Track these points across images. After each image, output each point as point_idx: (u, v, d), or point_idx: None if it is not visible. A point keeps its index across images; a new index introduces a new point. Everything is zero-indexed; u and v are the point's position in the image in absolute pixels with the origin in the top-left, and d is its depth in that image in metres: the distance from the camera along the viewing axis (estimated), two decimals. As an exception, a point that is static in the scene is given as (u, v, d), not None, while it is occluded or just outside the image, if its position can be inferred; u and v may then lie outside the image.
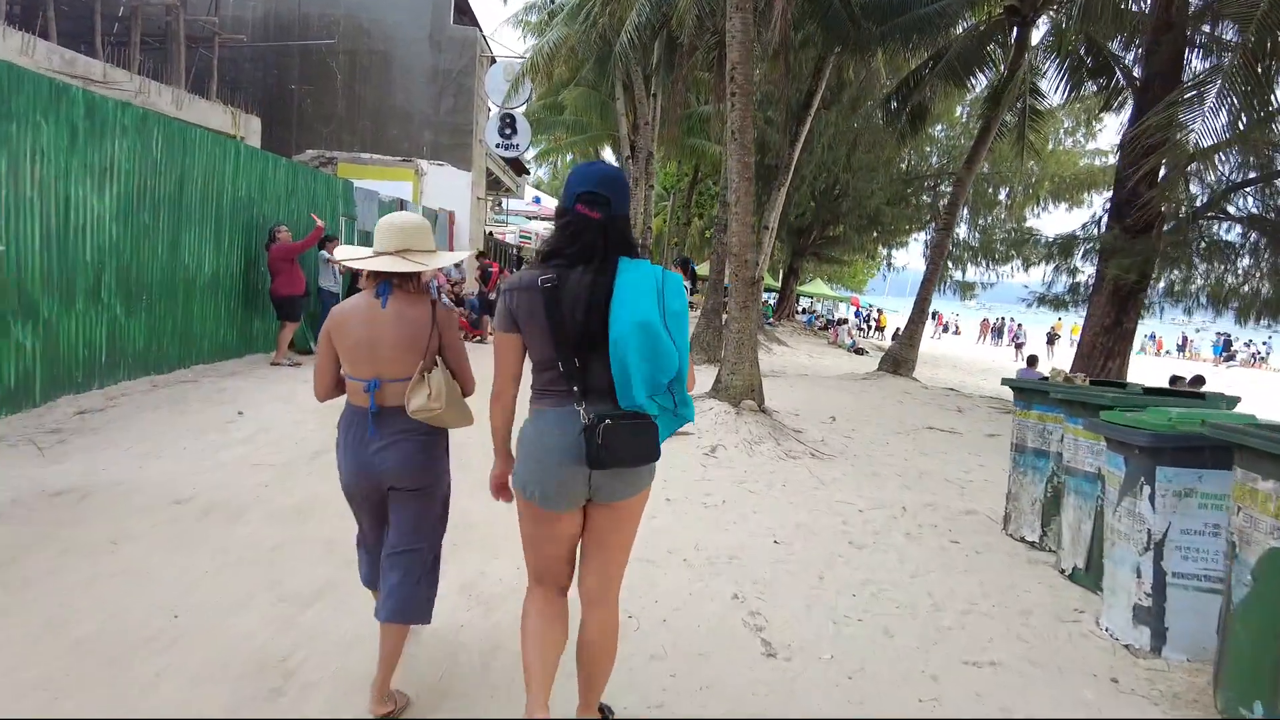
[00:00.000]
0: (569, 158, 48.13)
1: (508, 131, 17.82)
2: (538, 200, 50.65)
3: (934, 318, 49.95)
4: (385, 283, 2.51)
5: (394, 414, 2.49)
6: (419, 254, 2.52)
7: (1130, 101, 12.11)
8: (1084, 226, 11.95)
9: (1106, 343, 10.60)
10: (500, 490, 2.37)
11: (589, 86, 24.02)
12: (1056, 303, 12.93)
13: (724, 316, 13.44)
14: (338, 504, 3.20)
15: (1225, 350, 42.63)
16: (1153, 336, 46.26)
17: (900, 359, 14.31)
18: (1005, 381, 5.34)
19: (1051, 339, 35.27)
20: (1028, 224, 24.82)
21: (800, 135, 20.22)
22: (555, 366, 2.11)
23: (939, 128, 26.44)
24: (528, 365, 2.24)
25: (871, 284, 55.17)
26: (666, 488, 5.51)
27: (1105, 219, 11.08)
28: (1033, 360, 13.56)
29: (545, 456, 2.12)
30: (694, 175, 31.64)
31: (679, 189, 34.15)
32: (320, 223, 9.39)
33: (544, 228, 45.76)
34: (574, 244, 2.11)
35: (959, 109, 26.63)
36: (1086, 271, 12.49)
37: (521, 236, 42.90)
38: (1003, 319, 44.76)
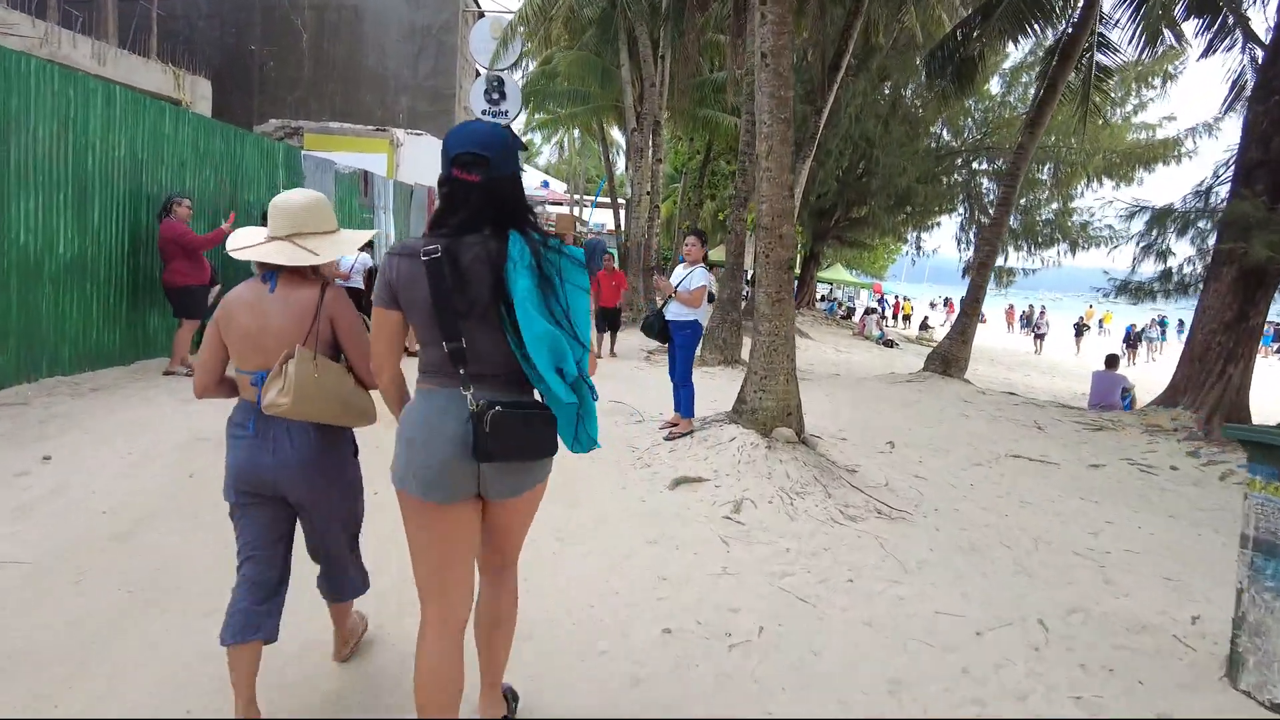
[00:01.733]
0: (576, 135, 46.15)
1: (495, 97, 15.64)
2: (545, 185, 48.75)
3: (945, 304, 47.42)
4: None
5: None
6: (313, 237, 2.35)
7: (1240, 41, 9.87)
8: (1186, 199, 9.68)
9: (1226, 342, 8.41)
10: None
11: (592, 52, 21.86)
12: (1141, 292, 10.68)
13: (749, 309, 11.26)
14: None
15: (1276, 340, 39.84)
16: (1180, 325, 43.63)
17: (950, 358, 12.12)
18: (1229, 431, 3.20)
19: (1080, 330, 32.46)
20: (1074, 204, 22.50)
21: (826, 104, 18.07)
22: (440, 345, 1.87)
23: (972, 102, 24.11)
24: None
25: (890, 270, 52.81)
26: (665, 597, 3.44)
27: (1228, 186, 8.83)
28: (1112, 361, 11.33)
29: (427, 442, 1.90)
30: (706, 153, 29.36)
31: (690, 169, 31.87)
32: (226, 226, 7.34)
33: (552, 212, 43.92)
34: (454, 213, 1.90)
35: (992, 82, 24.26)
36: (1181, 253, 10.24)
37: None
38: (1031, 306, 42.24)
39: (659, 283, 6.15)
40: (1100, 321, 43.37)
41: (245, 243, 2.39)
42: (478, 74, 15.79)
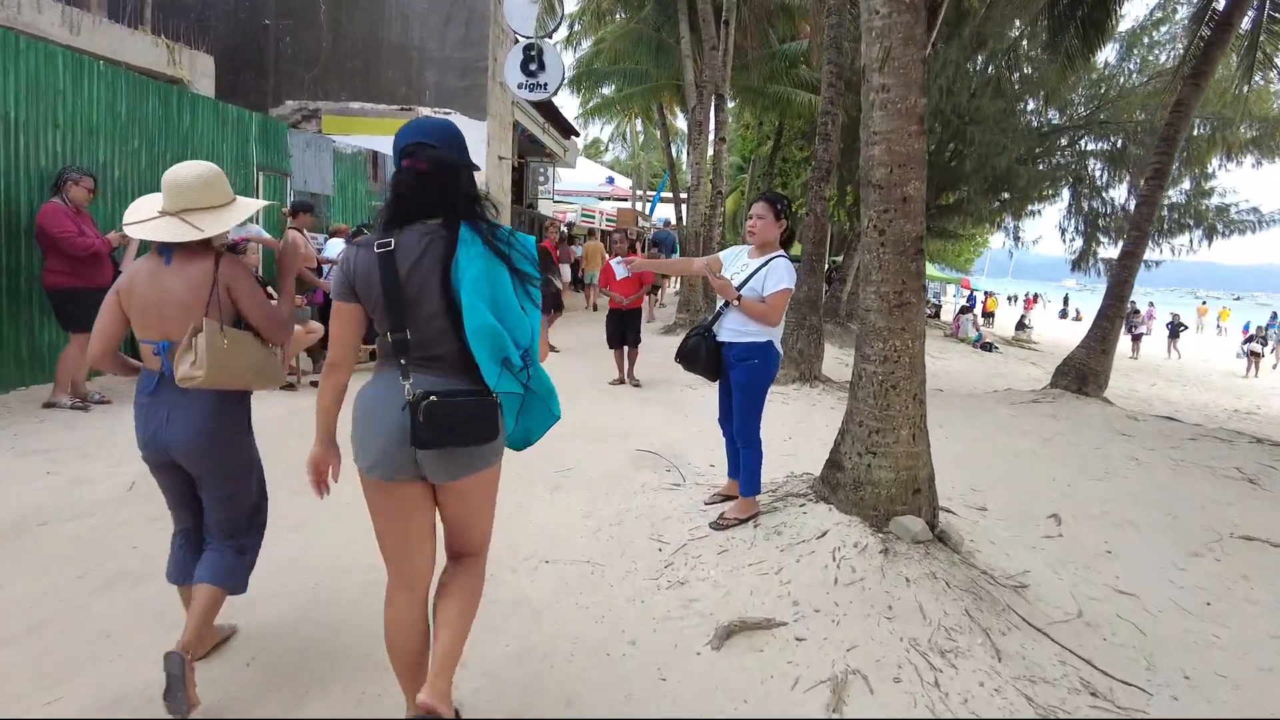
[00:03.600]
0: (640, 129, 44.11)
1: (533, 68, 13.69)
2: (610, 181, 47.11)
3: (1024, 301, 43.35)
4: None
5: None
6: (203, 212, 2.36)
7: None
8: None
9: None
10: (317, 476, 2.09)
11: (651, 27, 19.75)
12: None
13: (830, 308, 8.93)
14: None
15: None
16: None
17: (1087, 371, 9.59)
18: None
19: (1175, 330, 26.10)
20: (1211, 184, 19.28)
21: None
22: (388, 335, 1.93)
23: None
24: None
25: (974, 264, 49.07)
26: None
27: None
28: None
29: (370, 424, 1.96)
30: (776, 138, 26.90)
31: (759, 155, 29.39)
32: (114, 235, 5.50)
33: (614, 208, 42.17)
34: (403, 205, 1.93)
35: (1105, 53, 21.13)
36: None
37: (584, 216, 39.22)
38: (1134, 302, 38.12)
39: (714, 278, 3.69)
40: (1219, 318, 39.07)
41: (136, 217, 2.39)
42: (516, 42, 13.83)
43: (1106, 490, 5.51)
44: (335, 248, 9.19)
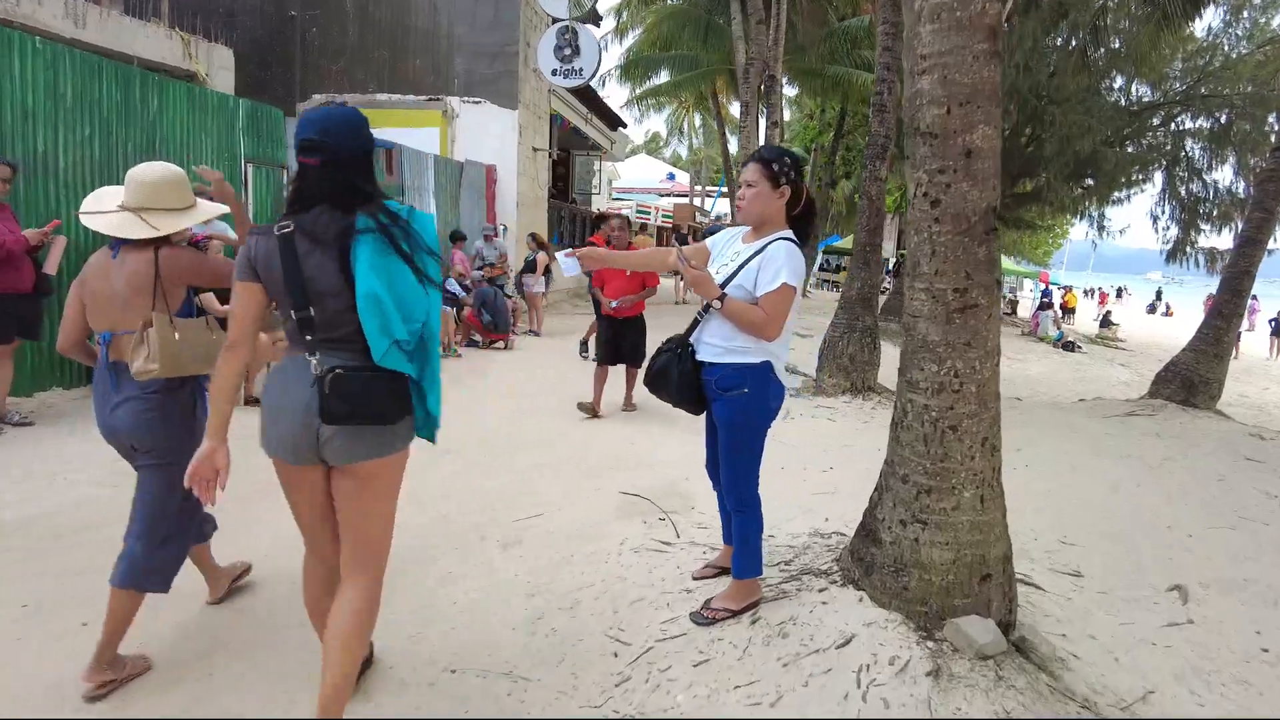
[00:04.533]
0: (699, 123, 42.96)
1: (567, 52, 12.76)
2: (671, 177, 46.19)
3: (1098, 295, 40.11)
4: None
5: (127, 369, 2.39)
6: (161, 214, 2.44)
7: None
8: None
9: None
10: (202, 477, 1.98)
11: (701, 9, 18.65)
12: None
13: (889, 305, 7.77)
14: None
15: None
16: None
17: (1195, 379, 8.14)
18: None
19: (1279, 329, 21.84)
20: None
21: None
22: (292, 315, 1.96)
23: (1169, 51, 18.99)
24: None
25: (1053, 256, 46.16)
26: None
27: None
28: None
29: (279, 405, 1.98)
30: (839, 125, 25.44)
31: (821, 143, 27.90)
32: (33, 233, 4.77)
33: (671, 204, 41.17)
34: (301, 193, 1.98)
35: (1207, 16, 19.01)
36: None
37: (639, 211, 38.34)
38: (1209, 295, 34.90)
39: (688, 268, 2.56)
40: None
41: (94, 207, 2.47)
42: (554, 22, 12.91)
43: (1243, 543, 4.24)
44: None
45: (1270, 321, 21.28)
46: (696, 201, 43.47)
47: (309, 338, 1.95)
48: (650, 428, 5.78)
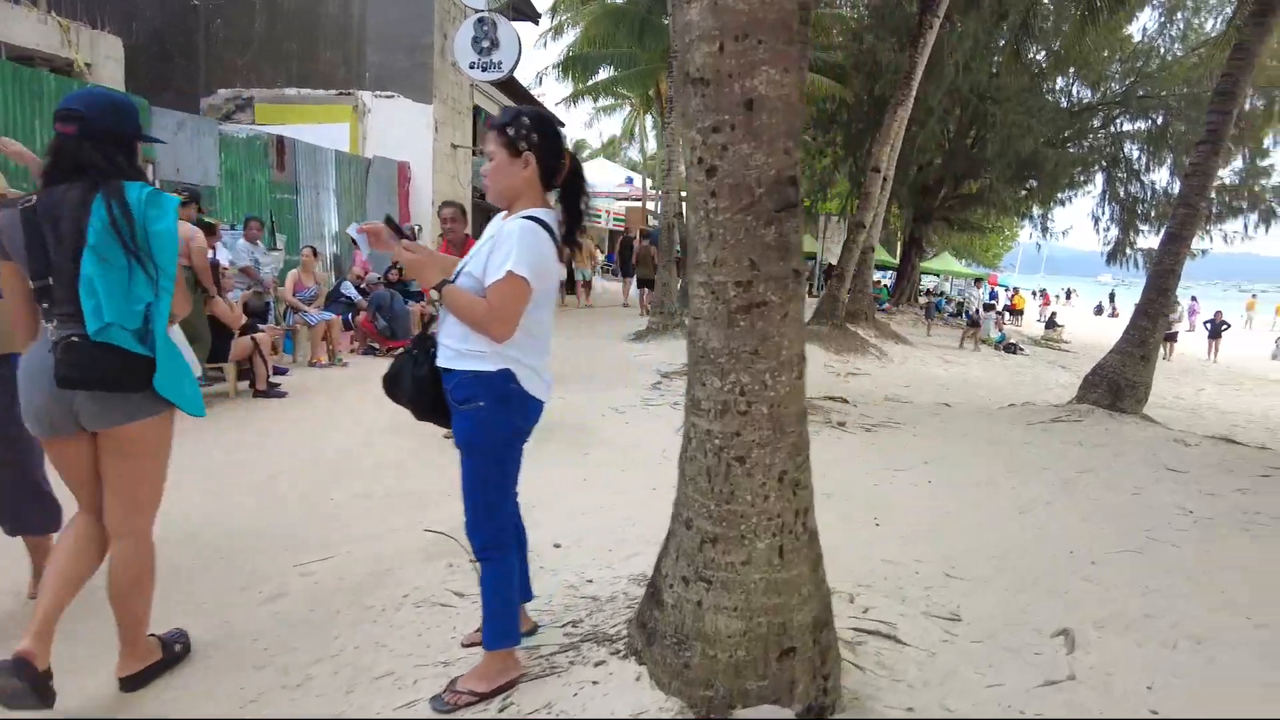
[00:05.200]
0: (649, 123, 42.76)
1: (485, 44, 12.15)
2: (630, 181, 45.76)
3: (1040, 296, 40.15)
4: None
5: None
6: None
7: None
8: None
9: None
10: None
11: (641, 7, 18.14)
12: None
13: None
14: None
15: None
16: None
17: (1122, 382, 7.79)
18: None
19: (1217, 330, 21.02)
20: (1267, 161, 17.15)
21: (924, 46, 13.85)
22: (32, 284, 2.06)
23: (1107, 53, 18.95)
24: None
25: (1003, 259, 46.50)
26: None
27: None
28: None
29: (30, 378, 2.07)
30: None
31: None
32: None
33: (625, 208, 40.76)
34: (54, 164, 2.07)
35: (1142, 20, 19.06)
36: None
37: (592, 216, 37.82)
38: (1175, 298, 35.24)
39: (399, 246, 2.06)
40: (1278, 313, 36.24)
41: None
42: (474, 13, 12.27)
43: (1149, 569, 3.78)
44: (244, 250, 7.78)
45: (1206, 324, 21.35)
46: (651, 206, 43.12)
47: (46, 306, 2.05)
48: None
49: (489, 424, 1.97)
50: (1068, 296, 43.84)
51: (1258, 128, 16.08)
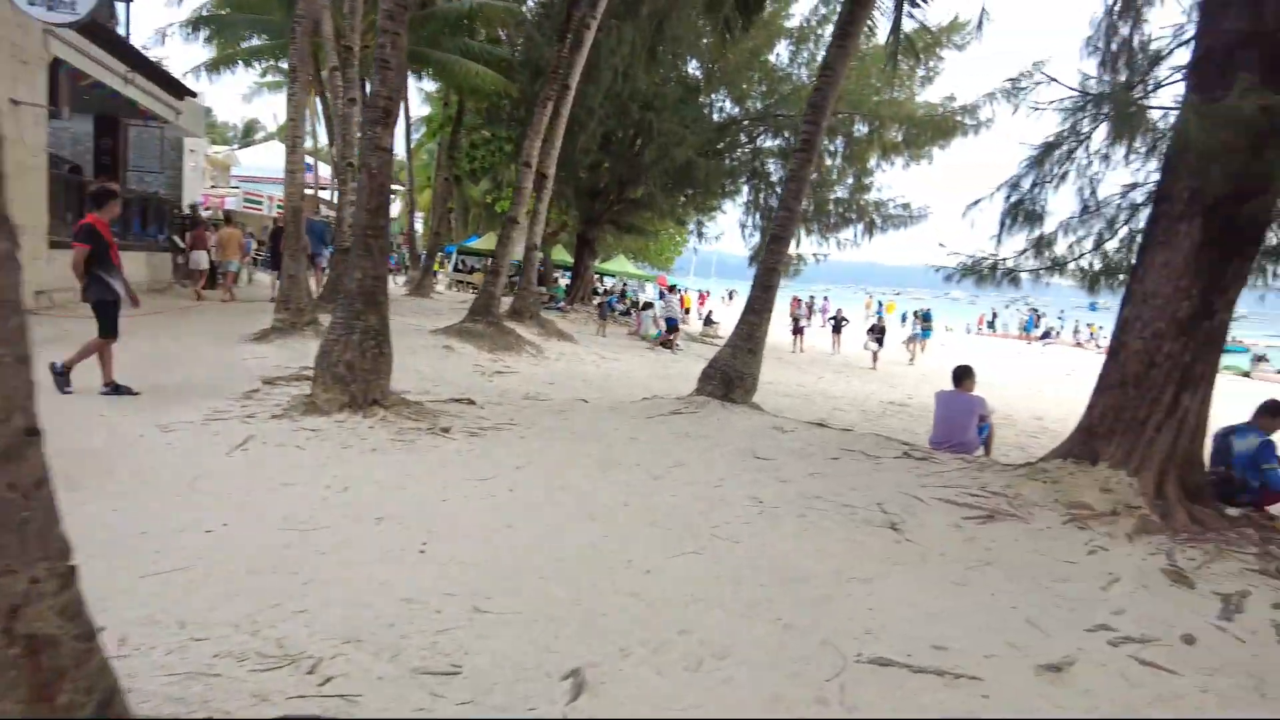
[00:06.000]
0: (319, 105, 39.41)
1: (50, -21, 9.76)
2: (310, 167, 41.52)
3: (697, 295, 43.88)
4: None
5: None
6: None
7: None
8: (1075, 111, 5.97)
9: (1178, 353, 4.89)
10: None
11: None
12: (994, 275, 7.11)
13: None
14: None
15: (1037, 325, 40.94)
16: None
17: (732, 374, 8.16)
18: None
19: (838, 325, 23.09)
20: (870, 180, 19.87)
21: (582, 43, 13.83)
22: None
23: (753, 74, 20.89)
24: None
25: (679, 262, 49.99)
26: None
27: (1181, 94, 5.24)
28: (963, 375, 7.59)
29: None
30: (457, 117, 24.26)
31: (445, 137, 26.36)
32: None
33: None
34: None
35: (776, 52, 21.23)
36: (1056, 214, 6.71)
37: (248, 201, 33.84)
38: (812, 297, 40.47)
39: None
40: (881, 309, 42.87)
41: None
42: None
43: (702, 574, 3.62)
44: None
45: (829, 320, 24.51)
46: (325, 194, 39.66)
47: None
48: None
49: None
50: (730, 297, 48.28)
51: (862, 152, 18.54)
